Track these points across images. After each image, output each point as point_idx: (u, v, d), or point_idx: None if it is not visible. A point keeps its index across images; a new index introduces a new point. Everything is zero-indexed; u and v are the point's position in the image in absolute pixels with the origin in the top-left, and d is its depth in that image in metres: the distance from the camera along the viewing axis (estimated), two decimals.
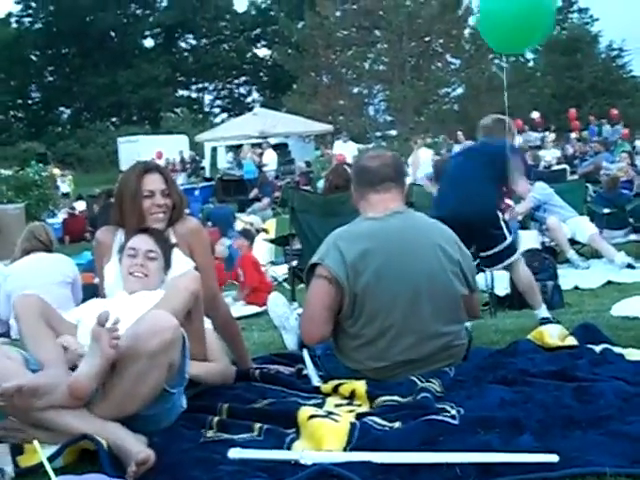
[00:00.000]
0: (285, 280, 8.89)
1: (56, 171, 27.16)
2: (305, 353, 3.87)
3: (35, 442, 2.52)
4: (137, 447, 2.83)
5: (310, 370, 3.83)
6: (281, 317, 4.43)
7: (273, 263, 10.30)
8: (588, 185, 13.00)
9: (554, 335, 4.29)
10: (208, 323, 3.80)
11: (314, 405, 3.35)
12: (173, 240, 3.87)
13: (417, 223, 3.86)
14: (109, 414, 2.95)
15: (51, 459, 2.74)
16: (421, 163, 15.93)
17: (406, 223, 3.78)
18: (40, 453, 2.50)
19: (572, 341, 4.22)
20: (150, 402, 3.02)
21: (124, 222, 3.84)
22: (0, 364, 3.00)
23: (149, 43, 59.91)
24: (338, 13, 40.85)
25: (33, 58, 55.95)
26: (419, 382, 3.38)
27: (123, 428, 2.92)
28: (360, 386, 3.42)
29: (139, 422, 2.99)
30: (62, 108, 57.91)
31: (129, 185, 3.84)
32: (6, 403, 2.81)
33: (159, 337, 2.92)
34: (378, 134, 42.30)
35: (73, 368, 3.13)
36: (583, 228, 9.27)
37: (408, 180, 15.93)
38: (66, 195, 24.82)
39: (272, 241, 9.92)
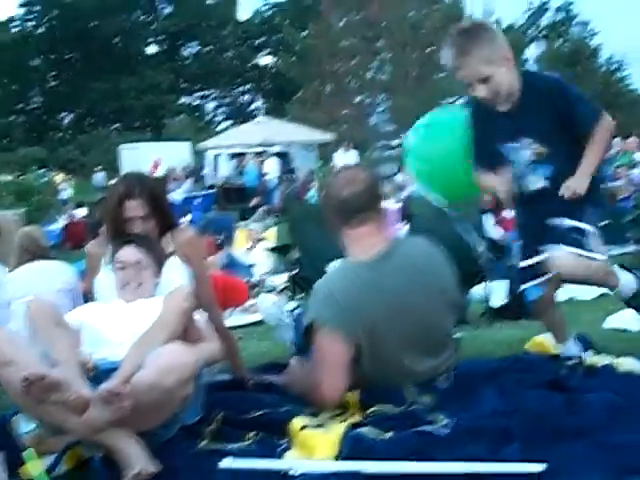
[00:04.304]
0: (285, 289, 8.91)
1: (59, 177, 27.23)
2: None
3: (29, 451, 2.56)
4: (142, 458, 2.89)
5: None
6: (274, 315, 4.43)
7: (274, 272, 10.32)
8: None
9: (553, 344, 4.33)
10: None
11: (309, 414, 3.38)
12: (170, 249, 3.94)
13: (409, 262, 3.58)
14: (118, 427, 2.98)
15: (52, 468, 2.82)
16: None
17: (397, 266, 3.52)
18: (34, 468, 2.54)
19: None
20: (161, 426, 3.09)
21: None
22: (22, 354, 3.03)
23: (153, 49, 60.12)
24: (342, 23, 40.98)
25: (35, 63, 56.05)
26: (411, 394, 3.41)
27: (130, 434, 2.97)
28: (353, 395, 3.45)
29: (144, 436, 3.03)
30: (64, 113, 58.00)
31: (110, 211, 3.92)
32: (24, 390, 2.83)
33: (177, 374, 2.97)
34: (381, 143, 42.41)
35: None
36: None
37: (407, 192, 15.93)
38: (66, 201, 24.88)
39: (273, 250, 9.96)
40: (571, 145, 3.55)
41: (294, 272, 7.04)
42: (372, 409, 3.34)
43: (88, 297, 4.16)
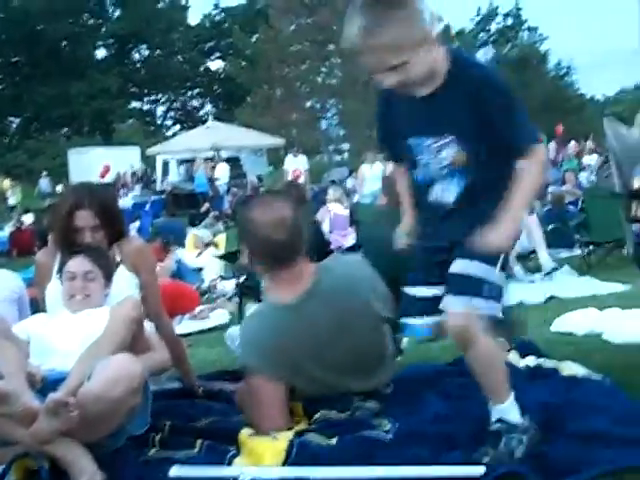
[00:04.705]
0: (235, 295, 8.91)
1: (6, 183, 26.88)
2: None
3: None
4: (89, 469, 2.90)
5: None
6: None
7: (223, 278, 10.32)
8: (535, 200, 13.25)
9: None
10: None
11: None
12: (118, 258, 3.95)
13: (335, 293, 3.46)
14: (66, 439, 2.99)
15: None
16: (366, 179, 15.83)
17: (323, 302, 3.43)
18: None
19: (514, 356, 4.32)
20: (108, 436, 3.10)
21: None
22: None
23: (101, 53, 59.58)
24: (292, 27, 41.03)
25: None
26: (356, 400, 3.46)
27: (78, 446, 2.98)
28: (297, 404, 3.49)
29: (92, 446, 3.04)
30: (11, 118, 57.15)
31: (59, 220, 3.93)
32: None
33: (124, 385, 2.99)
34: (331, 148, 42.56)
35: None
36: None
37: (356, 198, 15.95)
38: (13, 208, 24.59)
39: (221, 257, 9.96)
40: (493, 152, 2.82)
41: (242, 279, 7.03)
42: (317, 415, 3.39)
43: (38, 306, 4.15)
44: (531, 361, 4.18)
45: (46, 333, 3.52)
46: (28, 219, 19.52)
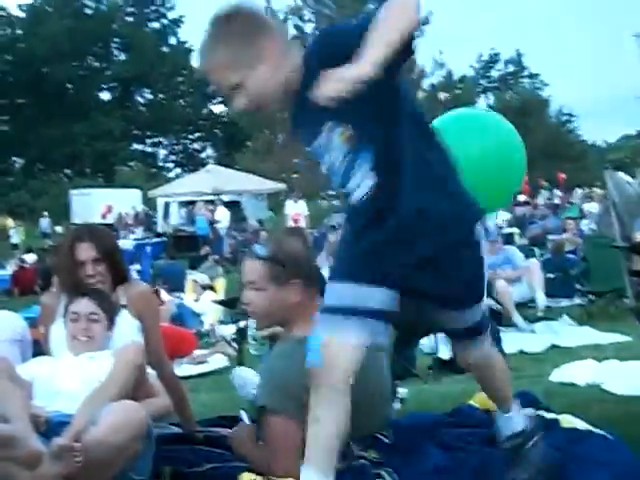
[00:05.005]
0: (234, 340, 8.89)
1: (9, 222, 26.96)
2: (243, 415, 3.90)
3: None
4: None
5: None
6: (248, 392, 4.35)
7: (222, 322, 10.30)
8: (535, 249, 13.24)
9: None
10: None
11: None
12: (122, 302, 3.96)
13: None
14: None
15: None
16: None
17: None
18: None
19: None
20: None
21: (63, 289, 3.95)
22: None
23: (105, 96, 60.08)
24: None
25: None
26: (355, 449, 3.45)
27: None
28: None
29: None
30: (15, 158, 57.47)
31: (61, 257, 3.96)
32: None
33: (127, 431, 3.01)
34: (331, 192, 42.67)
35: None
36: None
37: None
38: (15, 246, 24.65)
39: (220, 303, 9.97)
40: (371, 104, 2.43)
41: (242, 324, 7.00)
42: None
43: (41, 347, 4.16)
44: (531, 412, 4.17)
45: (49, 374, 3.53)
46: (30, 258, 19.56)
